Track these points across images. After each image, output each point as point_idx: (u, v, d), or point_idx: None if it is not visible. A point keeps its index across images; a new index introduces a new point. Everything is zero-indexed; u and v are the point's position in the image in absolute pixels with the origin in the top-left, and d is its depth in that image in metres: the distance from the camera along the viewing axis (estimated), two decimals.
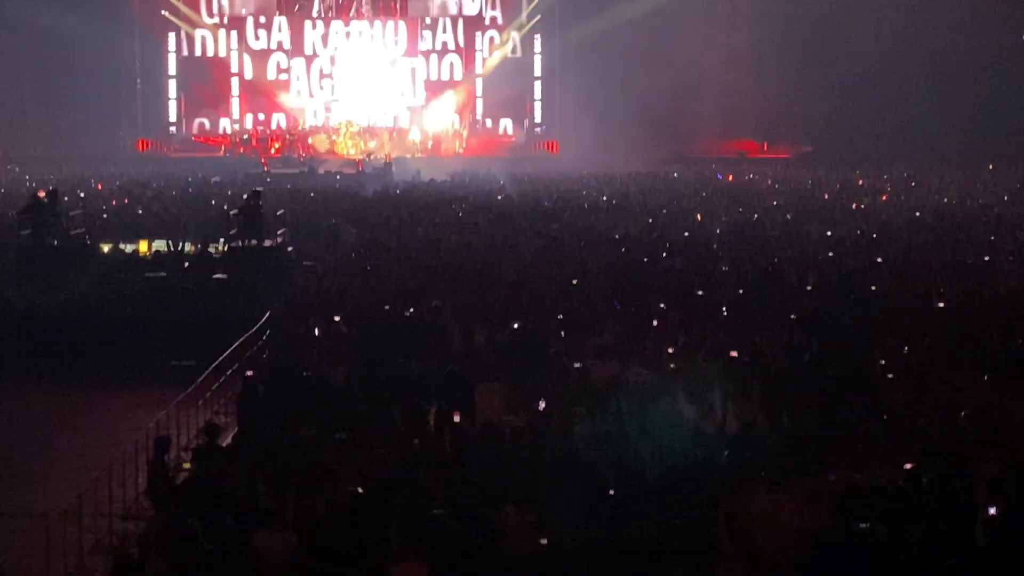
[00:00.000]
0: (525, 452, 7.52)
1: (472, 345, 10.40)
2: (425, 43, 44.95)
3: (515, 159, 39.44)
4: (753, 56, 40.35)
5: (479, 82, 44.96)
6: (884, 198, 25.62)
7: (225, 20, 45.00)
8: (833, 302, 12.37)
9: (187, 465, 8.39)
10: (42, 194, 16.95)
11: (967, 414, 8.08)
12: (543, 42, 44.60)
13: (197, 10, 43.95)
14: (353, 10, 43.96)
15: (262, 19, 44.61)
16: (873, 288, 13.00)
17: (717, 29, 40.81)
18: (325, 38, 44.50)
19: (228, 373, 10.37)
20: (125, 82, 43.40)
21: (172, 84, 44.42)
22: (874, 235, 18.17)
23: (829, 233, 18.06)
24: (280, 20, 44.33)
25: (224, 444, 8.21)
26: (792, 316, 11.48)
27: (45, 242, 15.32)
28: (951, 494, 6.42)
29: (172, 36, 43.95)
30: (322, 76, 44.53)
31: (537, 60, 44.96)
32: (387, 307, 11.59)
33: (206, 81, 44.22)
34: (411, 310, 11.47)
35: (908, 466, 6.77)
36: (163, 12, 43.30)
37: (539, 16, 44.08)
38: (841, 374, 9.28)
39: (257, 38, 44.63)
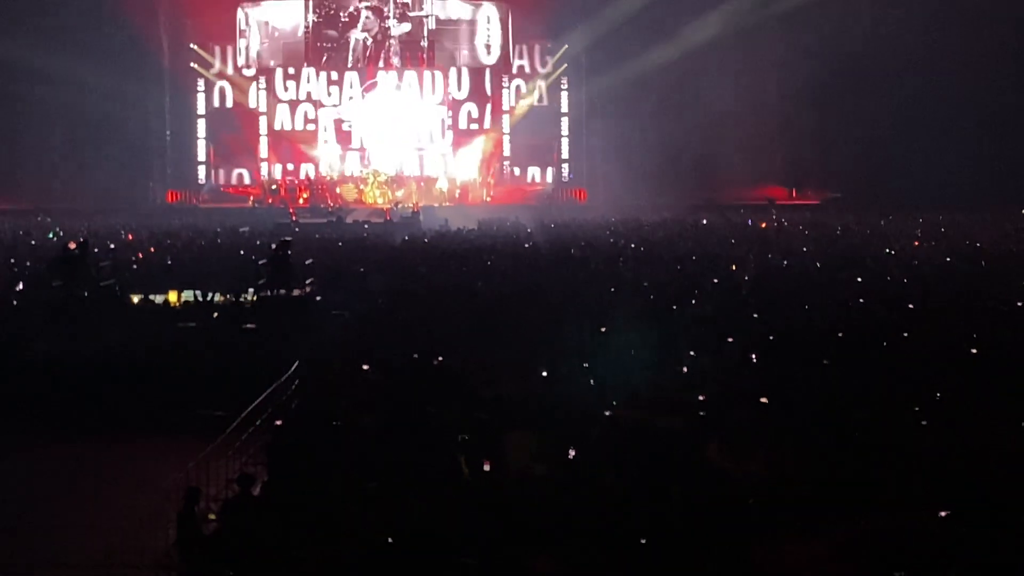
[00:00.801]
0: (555, 500, 7.46)
1: (500, 393, 10.34)
2: (452, 92, 45.12)
3: (543, 207, 39.55)
4: (780, 102, 40.32)
5: (506, 130, 45.10)
6: (916, 243, 25.47)
7: (253, 71, 45.29)
8: (865, 348, 12.26)
9: (212, 516, 8.34)
10: (73, 245, 17.05)
11: (1002, 461, 7.97)
12: (570, 90, 44.85)
13: (226, 62, 44.33)
14: (381, 60, 44.22)
15: (290, 70, 44.95)
16: (905, 334, 12.88)
17: (744, 76, 40.84)
18: (353, 88, 44.73)
19: (257, 423, 10.34)
20: (155, 134, 43.78)
21: (201, 135, 44.76)
22: (905, 280, 18.06)
23: (860, 279, 17.94)
24: (308, 71, 44.67)
25: (254, 494, 8.18)
26: (824, 362, 11.39)
27: (76, 293, 15.38)
28: (986, 542, 6.32)
29: (201, 88, 44.32)
30: (350, 126, 44.74)
31: (564, 108, 45.10)
32: (416, 355, 11.56)
33: (235, 132, 44.61)
34: (440, 358, 11.43)
35: (942, 514, 6.68)
36: (192, 64, 43.68)
37: (565, 64, 44.25)
38: (873, 420, 9.18)
39: (285, 89, 44.98)
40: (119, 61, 40.56)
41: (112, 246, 24.17)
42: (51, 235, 28.48)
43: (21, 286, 16.99)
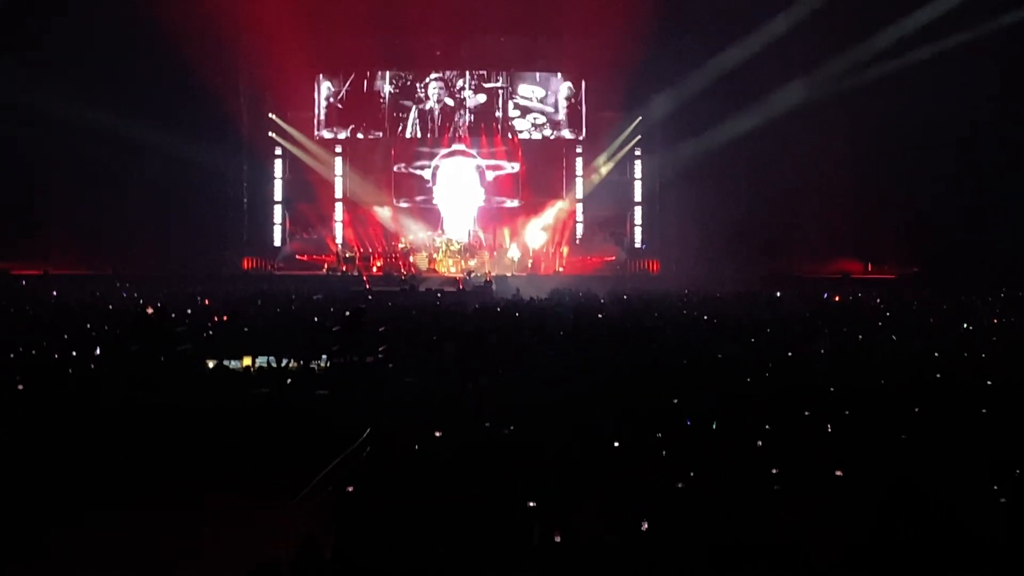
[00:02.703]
0: (627, 572, 7.40)
1: (571, 462, 10.29)
2: (525, 163, 45.48)
3: (615, 277, 39.59)
4: (856, 174, 40.07)
5: (579, 201, 45.36)
6: (994, 319, 25.10)
7: (330, 138, 45.92)
8: (943, 424, 12.07)
9: None
10: (150, 310, 17.25)
11: None
12: (643, 161, 44.97)
13: (303, 131, 44.97)
14: (455, 131, 44.67)
15: (367, 137, 45.55)
16: (984, 411, 12.66)
17: (819, 147, 40.67)
18: (427, 159, 45.22)
19: (329, 488, 10.35)
20: (232, 201, 44.41)
21: (277, 203, 45.37)
22: (983, 355, 17.78)
23: (937, 354, 17.68)
24: (383, 140, 45.24)
25: (324, 559, 8.17)
26: (902, 436, 11.23)
27: (152, 358, 15.54)
28: None
29: (278, 155, 45.02)
30: (424, 196, 45.20)
31: (637, 178, 45.28)
32: (487, 424, 11.54)
33: (310, 200, 45.22)
34: (511, 427, 11.40)
35: None
36: (270, 133, 44.38)
37: (639, 136, 44.45)
38: (951, 496, 9.03)
39: (361, 159, 45.56)
40: (199, 129, 41.26)
41: (189, 311, 24.41)
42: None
43: (99, 351, 17.17)
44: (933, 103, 37.31)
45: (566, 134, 46.18)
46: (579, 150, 46.46)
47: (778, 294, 32.01)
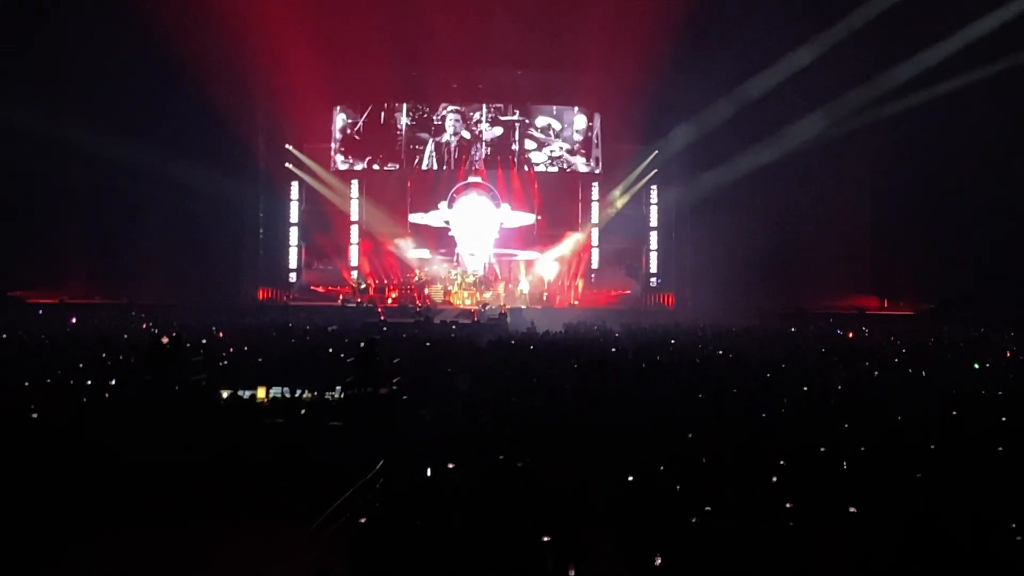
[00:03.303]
0: None
1: (586, 496, 10.26)
2: (541, 195, 45.55)
3: (630, 311, 39.53)
4: (873, 210, 40.02)
5: (594, 234, 45.39)
6: (1008, 354, 24.98)
7: (346, 170, 46.06)
8: (958, 462, 12.00)
9: None
10: (165, 340, 17.25)
11: None
12: (659, 195, 44.96)
13: (320, 162, 45.12)
14: (468, 164, 44.79)
15: (384, 169, 45.70)
16: (1000, 449, 12.59)
17: (836, 183, 40.66)
18: (443, 191, 45.32)
19: (342, 520, 10.34)
20: (249, 232, 44.50)
21: (294, 234, 45.48)
22: (1000, 393, 17.68)
23: (954, 391, 17.59)
24: (400, 172, 45.38)
25: None
26: (917, 475, 11.16)
27: (166, 387, 15.55)
28: None
29: (295, 187, 45.13)
30: (439, 228, 45.26)
31: (653, 212, 45.28)
32: (501, 457, 11.51)
33: (326, 231, 45.29)
34: (525, 459, 11.37)
35: None
36: (287, 164, 44.53)
37: (655, 170, 44.48)
38: (966, 534, 8.98)
39: (377, 190, 45.68)
40: (216, 160, 41.44)
41: (204, 342, 24.44)
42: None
43: (113, 380, 17.19)
44: (952, 139, 37.31)
45: (582, 167, 46.28)
46: (595, 183, 46.53)
47: (793, 329, 31.90)
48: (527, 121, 46.20)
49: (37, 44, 38.96)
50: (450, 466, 11.04)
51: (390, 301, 41.96)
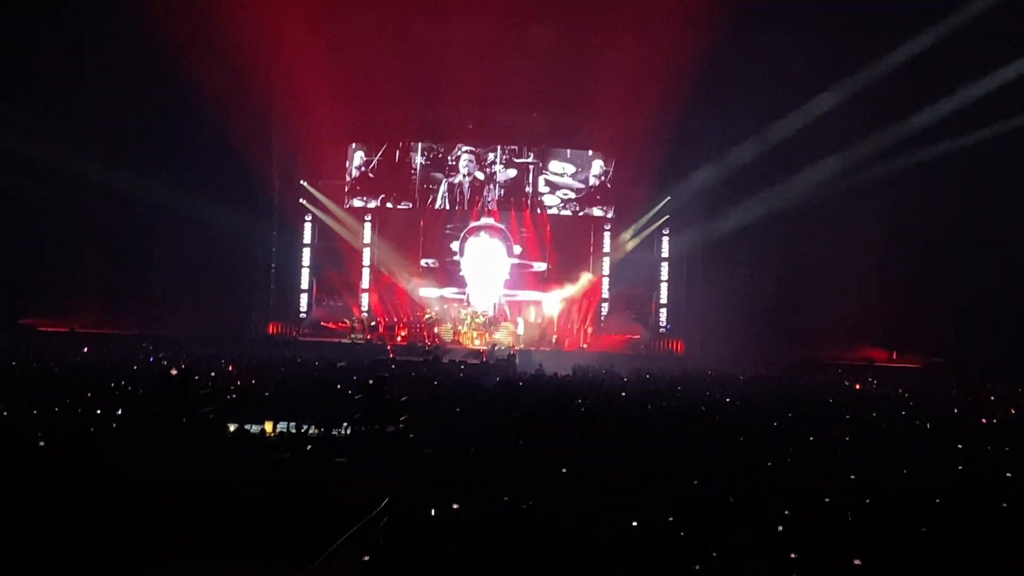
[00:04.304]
0: None
1: (590, 540, 10.25)
2: (553, 239, 45.67)
3: (639, 356, 39.54)
4: (884, 262, 40.00)
5: (605, 278, 45.46)
6: (1012, 411, 24.93)
7: (360, 207, 46.21)
8: (962, 517, 11.98)
9: None
10: (174, 372, 17.29)
11: None
12: (671, 241, 45.05)
13: (334, 199, 45.27)
14: (481, 205, 44.94)
15: (397, 207, 45.87)
16: (1004, 505, 12.57)
17: (848, 234, 40.70)
18: (456, 231, 45.46)
19: (345, 557, 10.34)
20: (261, 266, 44.63)
21: (305, 270, 45.59)
22: (1006, 448, 17.64)
23: (960, 445, 17.55)
24: (414, 212, 45.53)
25: None
26: (922, 529, 11.14)
27: (174, 419, 15.57)
28: None
29: (308, 222, 45.29)
30: (450, 267, 45.38)
31: (664, 258, 45.37)
32: (506, 498, 11.51)
33: (338, 267, 45.43)
34: (530, 502, 11.37)
35: None
36: (301, 200, 44.70)
37: (667, 216, 44.59)
38: None
39: (391, 229, 45.85)
40: (230, 193, 41.65)
41: (212, 374, 24.47)
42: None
43: (121, 411, 17.23)
44: (963, 194, 37.38)
45: (595, 211, 46.37)
46: (607, 227, 46.63)
47: (801, 380, 31.86)
48: (541, 164, 46.34)
49: (57, 76, 39.23)
50: (455, 506, 11.05)
51: (399, 339, 42.01)
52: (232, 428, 16.24)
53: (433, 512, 10.96)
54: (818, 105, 39.81)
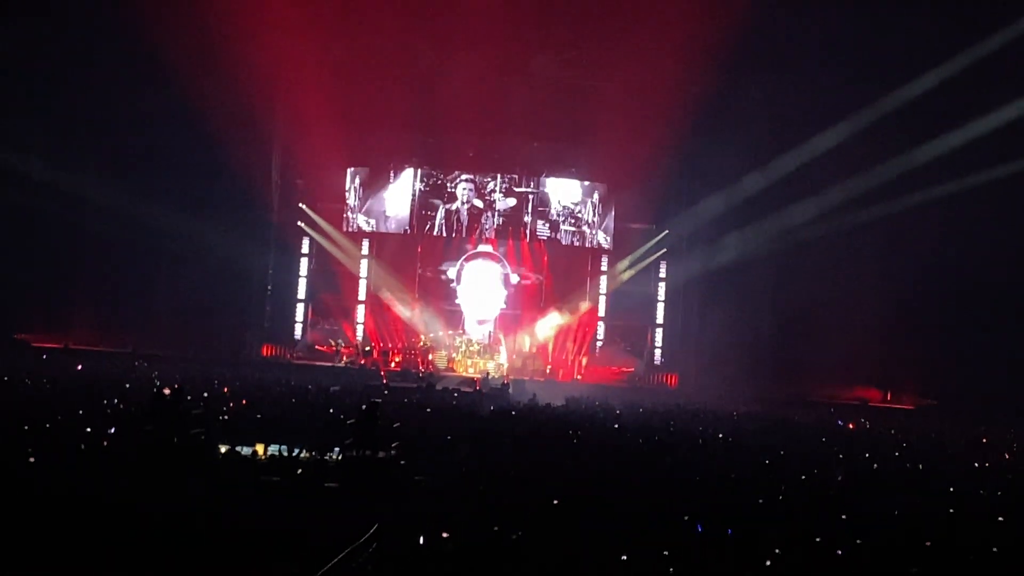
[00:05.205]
0: None
1: (581, 574, 10.22)
2: (550, 269, 45.70)
3: (632, 389, 39.49)
4: (880, 304, 39.99)
5: (600, 310, 45.46)
6: (1008, 456, 24.91)
7: (356, 231, 46.23)
8: (952, 560, 11.97)
9: None
10: (167, 391, 17.26)
11: None
12: (668, 275, 45.09)
13: (332, 222, 45.30)
14: (479, 233, 44.99)
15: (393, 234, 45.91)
16: (995, 550, 12.55)
17: (843, 274, 40.75)
18: (453, 258, 45.50)
19: None
20: (256, 288, 44.59)
21: (301, 293, 45.57)
22: (998, 493, 17.63)
23: (952, 489, 17.54)
24: (411, 238, 45.56)
25: None
26: (912, 570, 11.12)
27: (165, 438, 15.52)
28: None
29: (305, 246, 45.31)
30: (446, 294, 45.39)
31: (660, 292, 45.41)
32: (496, 528, 11.47)
33: (334, 291, 45.40)
34: (519, 532, 11.33)
35: None
36: (299, 223, 44.73)
37: (664, 249, 44.64)
38: None
39: (388, 254, 45.88)
40: (228, 215, 41.72)
41: (205, 395, 24.42)
42: None
43: (113, 428, 17.19)
44: (960, 237, 37.47)
45: (593, 242, 46.39)
46: (604, 259, 46.67)
47: (795, 417, 31.83)
48: (540, 193, 46.38)
49: (57, 95, 39.35)
50: (444, 535, 11.01)
51: (393, 365, 41.93)
52: (223, 450, 16.19)
53: (422, 540, 10.93)
54: (817, 144, 39.93)
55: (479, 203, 46.30)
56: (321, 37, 39.00)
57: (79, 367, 32.31)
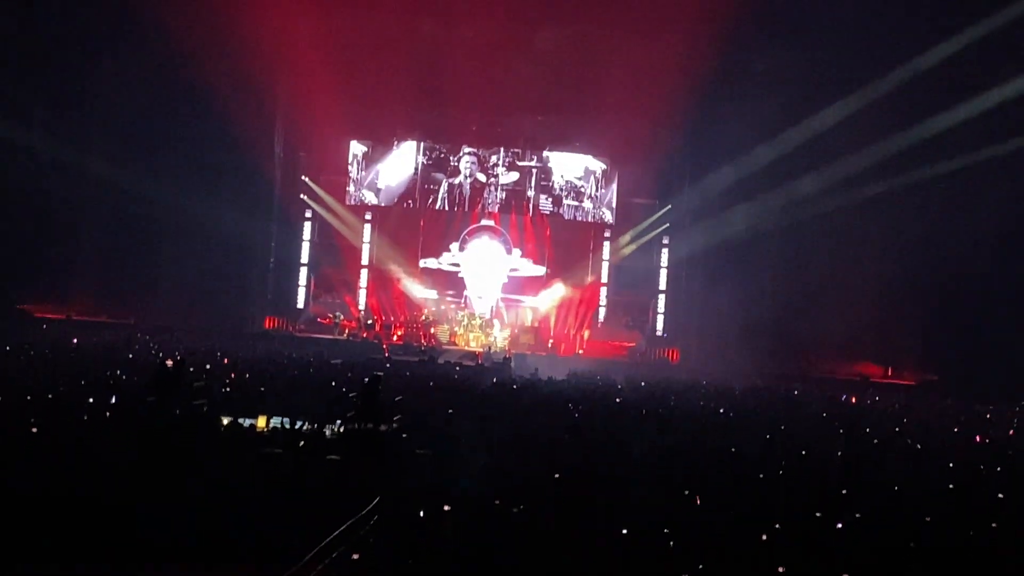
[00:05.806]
0: None
1: (579, 546, 10.23)
2: (552, 243, 45.63)
3: (634, 363, 39.47)
4: (881, 278, 39.90)
5: (603, 284, 45.40)
6: (1011, 432, 24.89)
7: (360, 205, 46.12)
8: (952, 535, 11.97)
9: None
10: (169, 363, 17.27)
11: None
12: (670, 250, 44.98)
13: (335, 196, 45.20)
14: (482, 207, 44.90)
15: (396, 206, 45.81)
16: (994, 525, 12.56)
17: (848, 250, 40.63)
18: (456, 232, 45.39)
19: (334, 555, 10.31)
20: (259, 260, 44.51)
21: (304, 265, 45.50)
22: (998, 468, 17.63)
23: (952, 464, 17.54)
24: (414, 212, 45.47)
25: None
26: (911, 544, 11.13)
27: (167, 411, 15.54)
28: None
29: (309, 218, 45.23)
30: (449, 269, 45.32)
31: (663, 266, 45.30)
32: (497, 501, 11.50)
33: (337, 265, 45.33)
34: (520, 506, 11.35)
35: None
36: (302, 195, 44.65)
37: (667, 224, 44.52)
38: None
39: (390, 228, 45.79)
40: (230, 186, 41.64)
41: (207, 367, 24.44)
42: None
43: (115, 399, 17.20)
44: (961, 213, 37.35)
45: (596, 216, 46.31)
46: (607, 234, 46.62)
47: (795, 392, 31.82)
48: (543, 167, 46.30)
49: (61, 68, 39.26)
50: (446, 508, 11.02)
51: (395, 338, 41.94)
52: (225, 421, 16.21)
53: (423, 513, 10.94)
54: (818, 120, 39.80)
55: (482, 177, 46.23)
56: (324, 10, 38.84)
57: (75, 341, 32.31)
